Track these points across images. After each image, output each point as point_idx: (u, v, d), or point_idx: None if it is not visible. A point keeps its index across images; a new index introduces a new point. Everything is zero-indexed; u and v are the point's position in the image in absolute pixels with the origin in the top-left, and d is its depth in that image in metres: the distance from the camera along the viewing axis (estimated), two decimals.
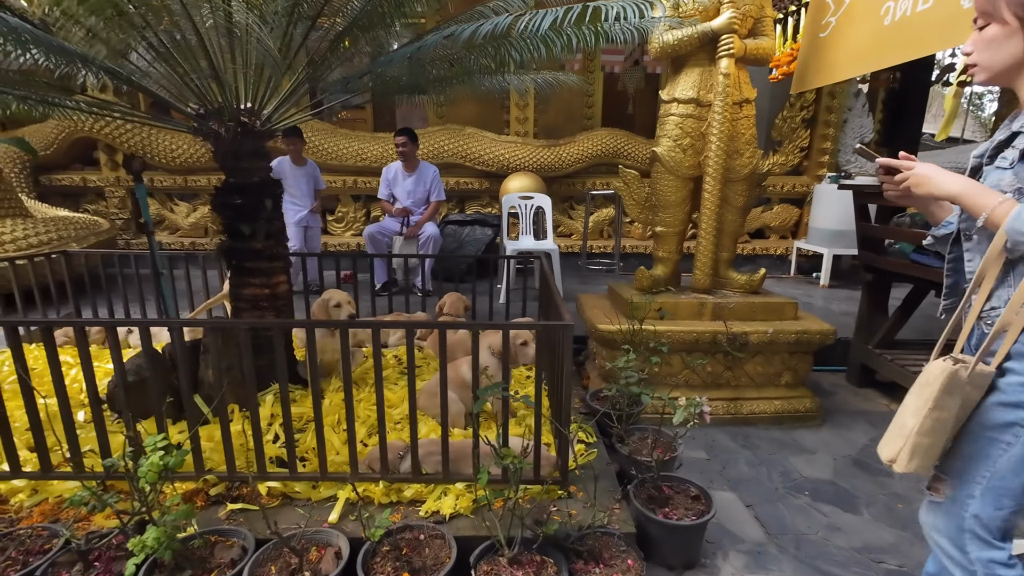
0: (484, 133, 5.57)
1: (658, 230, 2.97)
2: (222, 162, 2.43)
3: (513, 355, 2.66)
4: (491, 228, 5.28)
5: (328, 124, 5.66)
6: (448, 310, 3.23)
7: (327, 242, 5.62)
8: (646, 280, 2.95)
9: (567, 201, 5.92)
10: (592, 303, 3.20)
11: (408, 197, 4.52)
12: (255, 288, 2.55)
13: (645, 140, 5.68)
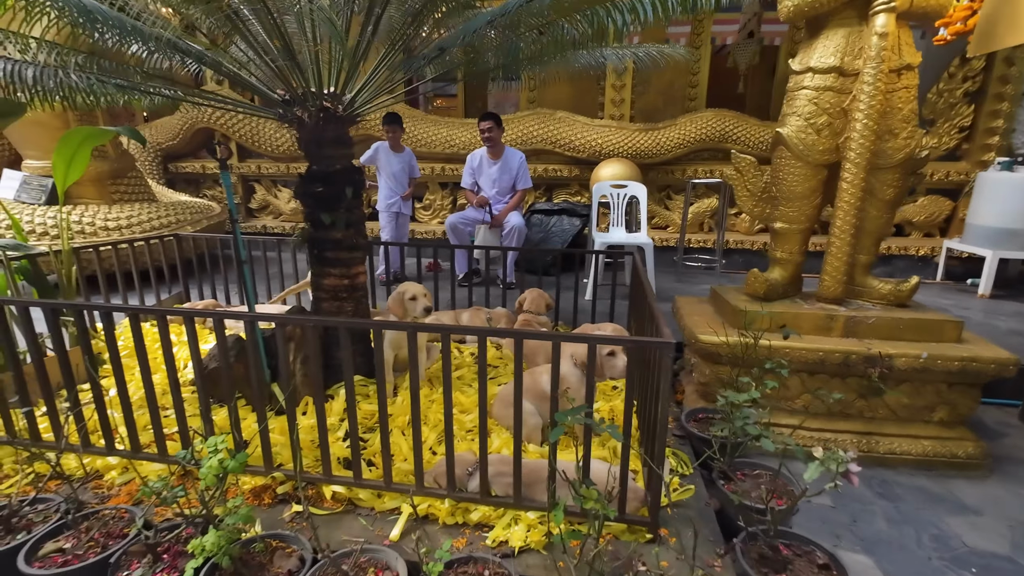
0: (576, 117, 5.24)
1: (777, 227, 2.52)
2: (305, 149, 2.39)
3: (599, 368, 2.39)
4: (579, 218, 4.97)
5: (418, 111, 5.64)
6: (528, 306, 3.01)
7: (414, 230, 5.65)
8: (760, 285, 2.52)
9: (664, 190, 5.44)
10: (692, 308, 2.82)
11: (493, 185, 4.35)
12: (334, 278, 2.50)
13: (759, 123, 5.03)
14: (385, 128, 4.36)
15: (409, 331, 1.60)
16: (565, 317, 3.43)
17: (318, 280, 2.54)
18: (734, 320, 2.47)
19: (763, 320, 2.36)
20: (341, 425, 2.16)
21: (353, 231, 2.50)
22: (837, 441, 2.31)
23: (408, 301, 2.41)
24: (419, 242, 5.67)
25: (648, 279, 2.28)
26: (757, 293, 2.54)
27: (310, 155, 2.40)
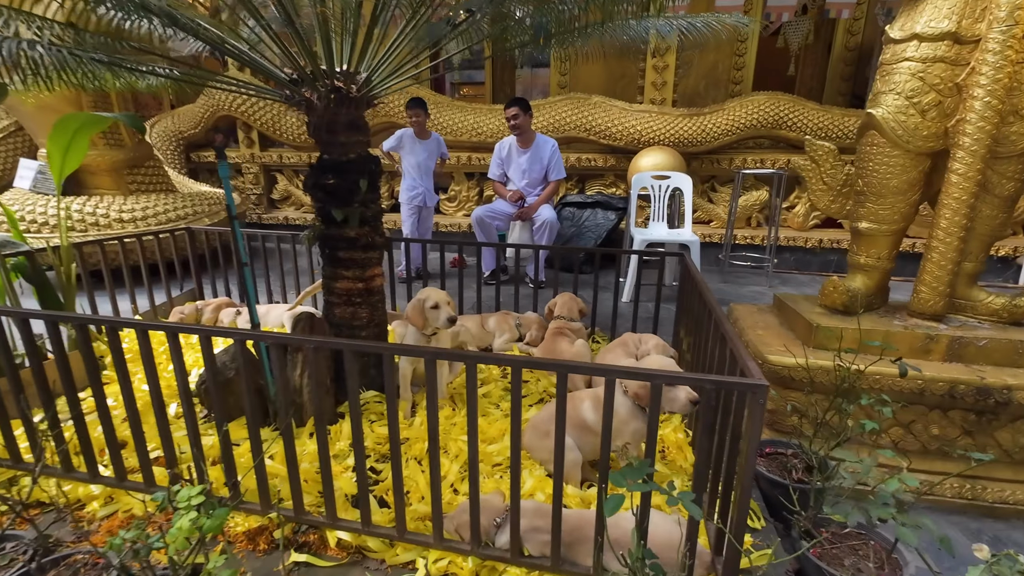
0: (613, 102, 4.85)
1: (863, 227, 2.13)
2: (315, 136, 2.11)
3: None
4: (615, 212, 4.61)
5: (443, 96, 5.34)
6: (560, 311, 2.70)
7: (438, 222, 5.37)
8: (840, 296, 2.14)
9: (708, 181, 5.01)
10: (752, 318, 2.45)
11: (523, 176, 4.02)
12: (348, 281, 2.24)
13: (817, 107, 4.54)
14: (409, 113, 4.06)
15: (428, 358, 1.31)
16: (602, 323, 3.11)
17: (330, 283, 2.28)
18: (807, 336, 2.11)
19: (846, 337, 1.99)
20: (352, 452, 1.90)
21: (369, 228, 2.23)
22: (933, 484, 1.93)
23: (429, 310, 2.12)
24: (443, 237, 5.39)
25: (707, 289, 1.93)
26: (835, 305, 2.16)
27: (321, 142, 2.13)
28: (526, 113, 3.83)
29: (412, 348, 1.88)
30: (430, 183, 4.31)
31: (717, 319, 1.61)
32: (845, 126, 4.39)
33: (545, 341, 2.58)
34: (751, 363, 1.22)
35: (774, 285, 4.19)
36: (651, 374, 1.17)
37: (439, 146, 4.32)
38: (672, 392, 1.50)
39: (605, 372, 1.20)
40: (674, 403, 1.52)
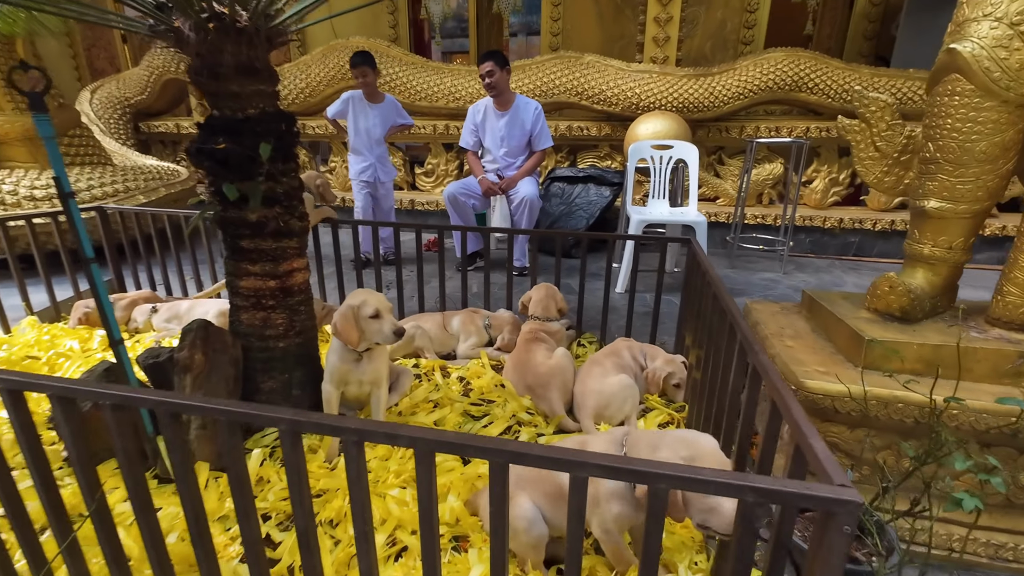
0: (608, 61, 4.25)
1: (931, 206, 1.60)
2: (197, 83, 1.56)
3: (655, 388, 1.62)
4: (610, 188, 4.06)
5: (416, 56, 4.72)
6: (534, 310, 2.19)
7: (414, 200, 4.82)
8: (899, 297, 1.63)
9: (714, 153, 4.45)
10: (775, 322, 1.95)
11: (500, 144, 3.46)
12: (255, 278, 1.72)
13: (843, 66, 3.96)
14: (354, 72, 3.42)
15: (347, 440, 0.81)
16: (591, 318, 2.60)
17: (233, 280, 1.76)
18: (854, 352, 1.60)
19: (907, 355, 1.49)
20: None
21: (281, 210, 1.70)
22: (1018, 548, 1.47)
23: (367, 320, 1.61)
24: (420, 218, 4.84)
25: (729, 299, 1.42)
26: (891, 309, 1.65)
27: (207, 94, 1.58)
28: (502, 69, 3.24)
29: (323, 421, 1.36)
30: (384, 154, 3.70)
31: (744, 340, 1.10)
32: (876, 89, 3.82)
33: (516, 351, 2.08)
34: (818, 443, 0.71)
35: (789, 271, 3.69)
36: (664, 475, 0.66)
37: (395, 111, 3.68)
38: (710, 502, 0.98)
39: (575, 466, 0.69)
40: (711, 517, 0.99)
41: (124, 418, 0.87)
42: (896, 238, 4.04)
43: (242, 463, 0.86)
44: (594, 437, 1.19)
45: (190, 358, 1.61)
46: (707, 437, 1.08)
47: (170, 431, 0.84)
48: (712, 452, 1.03)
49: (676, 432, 1.14)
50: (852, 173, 4.22)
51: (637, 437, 1.16)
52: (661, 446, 1.07)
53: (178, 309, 2.58)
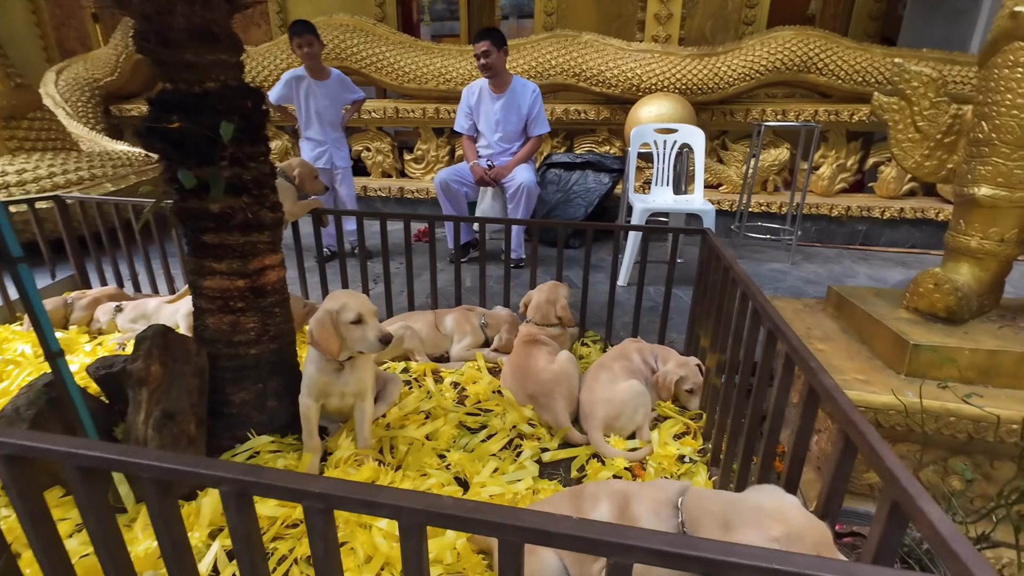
0: (608, 40, 4.02)
1: (981, 193, 1.43)
2: (144, 52, 1.34)
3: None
4: (609, 175, 3.87)
5: (404, 36, 4.46)
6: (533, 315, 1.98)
7: (403, 187, 4.59)
8: (945, 296, 1.46)
9: (718, 137, 4.26)
10: (801, 322, 1.78)
11: (495, 129, 3.24)
12: (222, 278, 1.52)
13: (855, 45, 3.76)
14: (295, 43, 3.04)
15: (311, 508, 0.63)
16: (594, 315, 2.43)
17: (196, 280, 1.55)
18: (895, 357, 1.44)
19: (959, 359, 1.33)
20: (217, 540, 1.21)
21: (249, 199, 1.49)
22: None
23: (348, 327, 1.41)
24: (409, 206, 4.61)
25: (758, 292, 1.25)
26: (935, 310, 1.48)
27: (157, 63, 1.36)
28: (499, 49, 3.01)
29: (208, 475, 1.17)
30: (339, 137, 3.38)
31: (793, 353, 0.93)
32: (889, 70, 3.63)
33: (514, 354, 1.89)
34: (946, 525, 0.54)
35: (797, 262, 3.53)
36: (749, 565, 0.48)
37: (343, 87, 3.31)
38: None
39: (618, 549, 0.51)
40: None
41: (23, 473, 0.67)
42: (905, 226, 3.89)
43: (179, 530, 0.67)
44: (639, 494, 0.98)
45: (145, 370, 1.41)
46: (786, 496, 0.84)
47: (82, 492, 0.65)
48: (810, 526, 0.78)
49: (750, 498, 0.87)
50: (861, 159, 4.05)
51: (699, 501, 0.91)
52: (739, 522, 0.81)
53: (145, 308, 2.36)
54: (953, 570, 0.49)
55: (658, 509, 0.94)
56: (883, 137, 4.03)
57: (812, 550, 0.75)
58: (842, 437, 0.75)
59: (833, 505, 0.77)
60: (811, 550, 0.75)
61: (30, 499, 0.68)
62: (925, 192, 3.99)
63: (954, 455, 1.34)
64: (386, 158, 4.80)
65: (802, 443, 0.91)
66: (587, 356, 2.15)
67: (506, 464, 1.49)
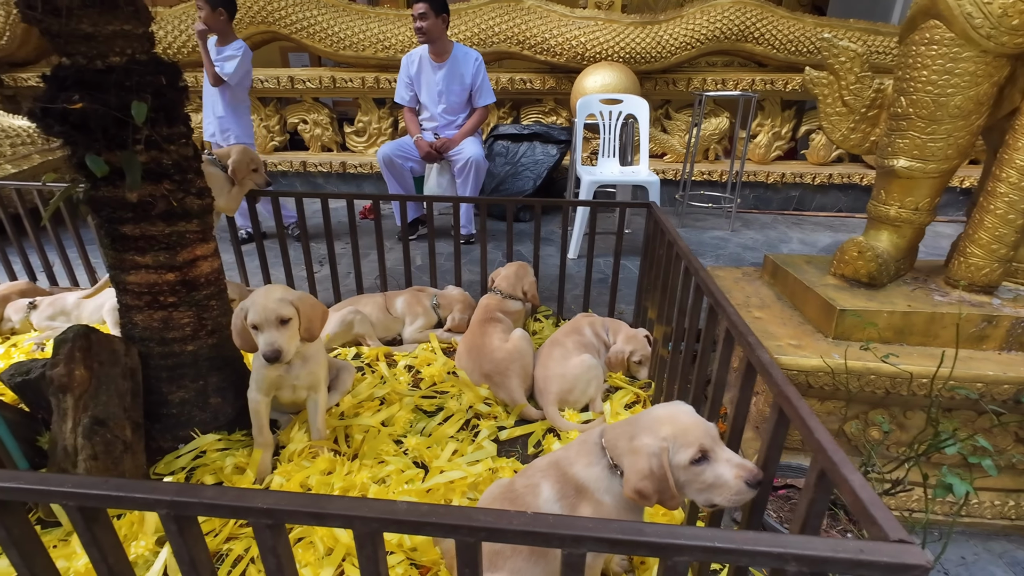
0: (551, 6, 3.93)
1: (900, 165, 1.53)
2: (30, 21, 1.19)
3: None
4: (557, 146, 3.85)
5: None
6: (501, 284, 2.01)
7: (345, 162, 4.39)
8: (867, 262, 1.57)
9: (661, 107, 4.31)
10: (740, 291, 1.87)
11: (438, 100, 3.13)
12: (147, 272, 1.41)
13: (789, 14, 3.86)
14: (198, 4, 2.79)
15: (258, 525, 0.60)
16: (544, 292, 2.45)
17: (118, 275, 1.43)
18: (824, 321, 1.54)
19: (878, 322, 1.44)
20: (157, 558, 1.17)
21: (171, 185, 1.38)
22: (973, 505, 1.50)
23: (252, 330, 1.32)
24: (353, 181, 4.43)
25: (700, 266, 1.29)
26: (858, 275, 1.59)
27: (48, 34, 1.21)
28: (438, 15, 2.88)
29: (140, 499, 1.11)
30: (240, 116, 3.13)
31: (732, 329, 0.98)
32: (819, 40, 3.77)
33: (469, 334, 1.89)
34: (865, 491, 0.58)
35: (736, 228, 3.69)
36: (687, 546, 0.51)
37: (238, 54, 2.94)
38: (707, 478, 0.86)
39: (570, 541, 0.53)
40: (715, 493, 0.87)
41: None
42: (833, 191, 4.13)
43: (117, 554, 0.63)
44: (568, 457, 1.02)
45: (68, 375, 1.31)
46: (681, 405, 0.96)
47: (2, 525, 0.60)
48: (695, 424, 0.90)
49: (650, 412, 0.98)
50: (794, 127, 4.22)
51: (615, 434, 1.00)
52: (640, 433, 0.92)
53: (64, 303, 2.18)
54: (871, 532, 0.54)
55: (589, 459, 0.99)
56: (814, 106, 4.21)
57: (696, 443, 0.86)
58: (776, 410, 0.80)
59: (770, 468, 0.82)
60: (695, 443, 0.86)
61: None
62: (851, 159, 4.22)
63: (873, 409, 1.47)
64: (325, 131, 4.57)
65: (741, 412, 0.97)
66: (540, 331, 2.18)
67: (464, 445, 1.50)
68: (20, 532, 0.62)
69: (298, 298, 1.35)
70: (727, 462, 0.86)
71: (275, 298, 1.31)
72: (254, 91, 4.40)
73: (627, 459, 0.88)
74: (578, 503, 0.97)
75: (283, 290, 1.36)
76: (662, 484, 0.84)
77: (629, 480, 0.86)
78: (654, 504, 0.87)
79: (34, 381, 1.40)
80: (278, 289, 1.36)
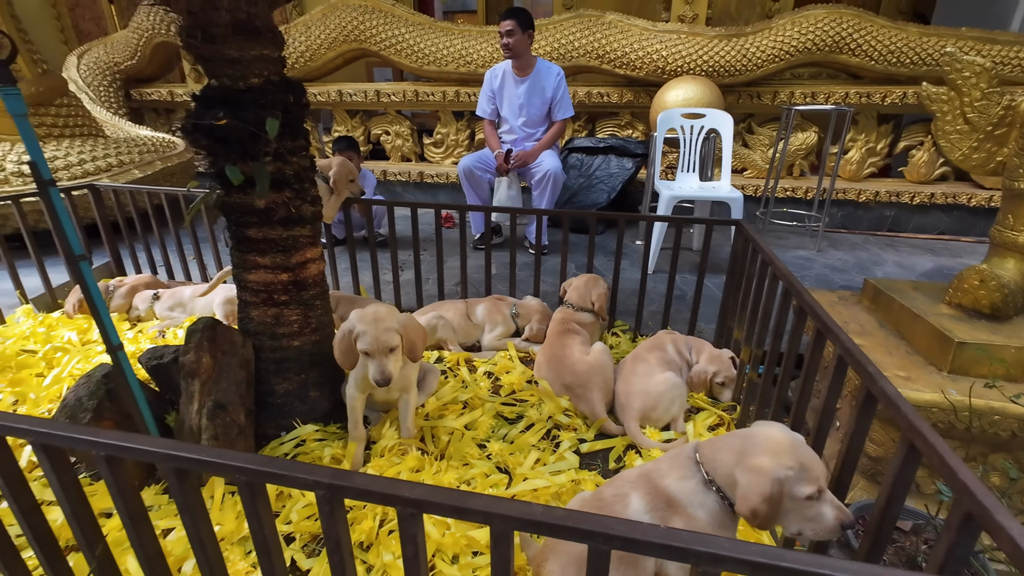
0: (632, 20, 3.93)
1: None
2: (189, 47, 1.34)
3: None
4: (632, 159, 3.82)
5: (423, 16, 4.39)
6: (571, 297, 2.01)
7: (423, 172, 4.58)
8: (991, 292, 1.45)
9: (743, 121, 4.17)
10: (837, 315, 1.78)
11: (519, 113, 3.21)
12: (265, 271, 1.54)
13: (890, 24, 3.64)
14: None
15: (403, 512, 0.65)
16: (621, 307, 2.43)
17: (240, 274, 1.58)
18: (937, 353, 1.44)
19: (1004, 357, 1.32)
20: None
21: (291, 193, 1.51)
22: None
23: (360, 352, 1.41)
24: (430, 191, 4.61)
25: (804, 291, 1.25)
26: (979, 306, 1.47)
27: (202, 59, 1.37)
28: (525, 31, 2.96)
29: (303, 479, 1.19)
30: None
31: (846, 355, 0.94)
32: (924, 51, 3.52)
33: (548, 344, 1.91)
34: (990, 500, 0.55)
35: (823, 248, 3.49)
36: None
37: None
38: (810, 512, 0.86)
39: (703, 558, 0.53)
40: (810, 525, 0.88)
41: (122, 472, 0.71)
42: (935, 212, 3.82)
43: (271, 525, 0.70)
44: (660, 470, 1.02)
45: (196, 361, 1.45)
46: (788, 430, 0.94)
47: (179, 491, 0.69)
48: (816, 461, 0.89)
49: (762, 433, 0.94)
50: (891, 142, 3.95)
51: (714, 449, 0.98)
52: (757, 453, 0.90)
53: (181, 296, 2.42)
54: None
55: (683, 472, 0.99)
56: (915, 120, 3.93)
57: (816, 482, 0.86)
58: (905, 446, 0.76)
59: (895, 507, 0.78)
60: (816, 481, 0.86)
61: (129, 496, 0.72)
62: (957, 177, 3.89)
63: (995, 452, 1.34)
64: (405, 142, 4.79)
65: (856, 446, 0.92)
66: (617, 346, 2.17)
67: (546, 455, 1.52)
68: (194, 499, 0.71)
69: (402, 324, 1.41)
70: (830, 503, 0.88)
71: (384, 328, 1.38)
72: (342, 103, 4.71)
73: (744, 477, 0.88)
74: (669, 516, 0.97)
75: (389, 316, 1.42)
76: (776, 509, 0.83)
77: (748, 498, 0.85)
78: (758, 524, 0.86)
79: (166, 365, 1.56)
80: (385, 316, 1.41)
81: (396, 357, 1.40)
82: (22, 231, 2.36)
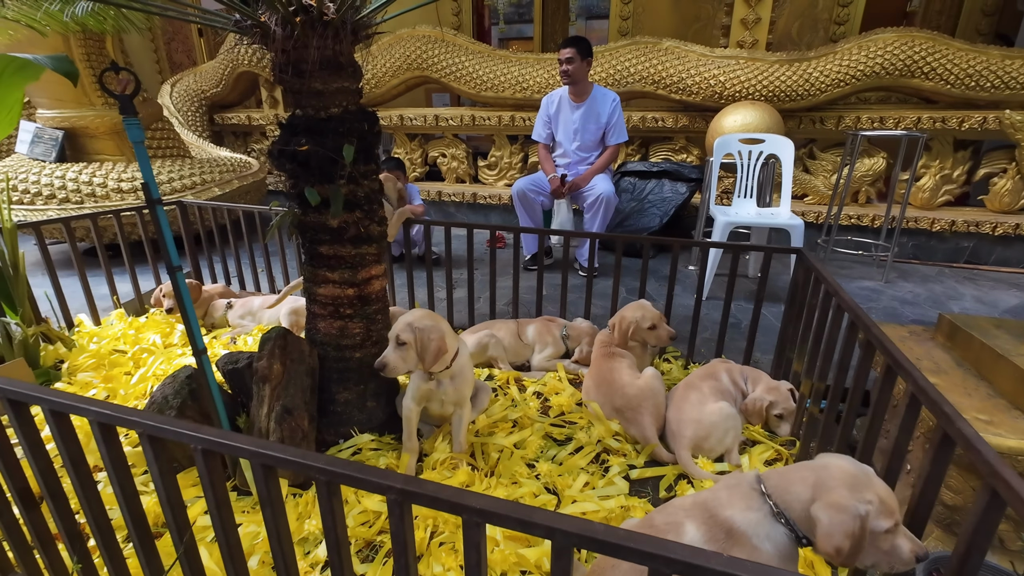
0: (689, 47, 3.94)
1: None
2: (280, 80, 1.48)
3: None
4: (686, 184, 3.79)
5: (482, 44, 4.57)
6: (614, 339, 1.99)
7: (476, 193, 4.71)
8: None
9: (805, 146, 4.06)
10: (909, 351, 1.69)
11: (573, 138, 3.26)
12: (334, 286, 1.65)
13: (967, 47, 3.47)
14: None
15: (468, 521, 0.69)
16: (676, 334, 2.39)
17: (311, 288, 1.69)
18: (1022, 395, 1.34)
19: None
20: None
21: (361, 214, 1.61)
22: None
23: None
24: (482, 211, 4.73)
25: (871, 322, 1.20)
26: None
27: (291, 91, 1.50)
28: (583, 59, 3.04)
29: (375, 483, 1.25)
30: None
31: (919, 393, 0.90)
32: (1007, 73, 3.32)
33: (595, 367, 1.91)
34: None
35: (891, 279, 3.31)
36: None
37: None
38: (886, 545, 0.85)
39: None
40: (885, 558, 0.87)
41: (215, 464, 0.78)
42: (1019, 244, 3.55)
43: (342, 524, 0.75)
44: (719, 500, 1.00)
45: (268, 368, 1.56)
46: (857, 462, 0.94)
47: (263, 486, 0.75)
48: (891, 494, 0.88)
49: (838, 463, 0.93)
50: (969, 169, 3.73)
51: (784, 482, 0.96)
52: (833, 483, 0.89)
53: (251, 305, 2.59)
54: None
55: (748, 503, 0.96)
56: (997, 147, 3.69)
57: (894, 515, 0.85)
58: (988, 491, 0.72)
59: (976, 557, 0.74)
60: (893, 514, 0.85)
61: (219, 487, 0.79)
62: None
63: None
64: (460, 164, 4.95)
65: (930, 491, 0.88)
66: (668, 373, 2.14)
67: (595, 479, 1.52)
68: (275, 493, 0.77)
69: (420, 328, 1.46)
70: (904, 535, 0.86)
71: (406, 323, 1.47)
72: (403, 128, 4.94)
73: (826, 514, 0.86)
74: (730, 547, 0.95)
75: (420, 319, 1.49)
76: (859, 545, 0.82)
77: (832, 536, 0.84)
78: (840, 562, 0.83)
79: (240, 370, 1.68)
80: (417, 317, 1.49)
81: (403, 354, 1.46)
82: (120, 242, 2.61)
